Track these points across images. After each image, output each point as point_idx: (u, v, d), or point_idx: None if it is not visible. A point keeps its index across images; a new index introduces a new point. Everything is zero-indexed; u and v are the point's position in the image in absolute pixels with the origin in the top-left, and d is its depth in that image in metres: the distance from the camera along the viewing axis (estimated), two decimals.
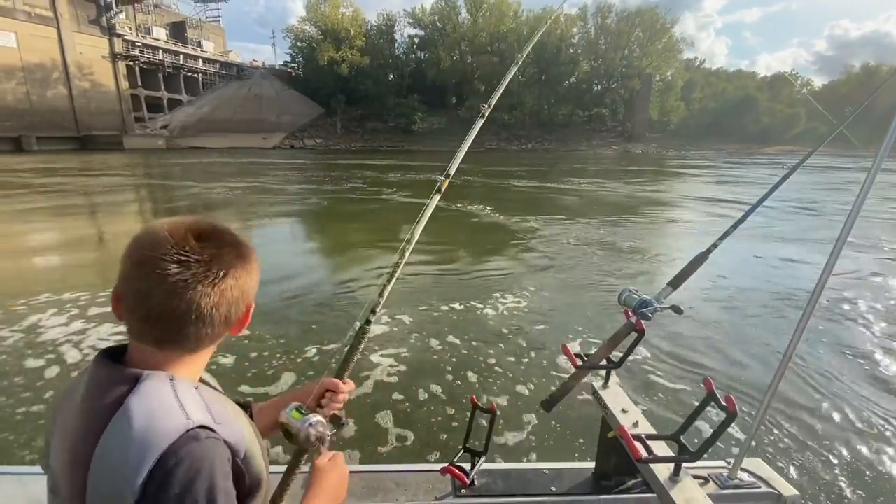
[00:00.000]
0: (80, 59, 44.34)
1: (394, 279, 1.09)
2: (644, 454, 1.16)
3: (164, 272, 0.59)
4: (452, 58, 62.72)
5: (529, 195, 17.86)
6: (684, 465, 1.19)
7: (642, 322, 1.37)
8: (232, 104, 55.26)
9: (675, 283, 1.50)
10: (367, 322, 1.05)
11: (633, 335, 1.39)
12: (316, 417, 0.87)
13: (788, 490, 1.36)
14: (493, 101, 1.30)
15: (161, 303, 0.60)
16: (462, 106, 63.68)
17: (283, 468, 1.02)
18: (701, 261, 1.51)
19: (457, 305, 5.68)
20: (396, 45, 67.25)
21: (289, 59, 66.71)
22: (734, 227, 1.52)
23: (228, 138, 49.32)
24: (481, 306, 5.65)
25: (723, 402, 1.08)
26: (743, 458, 1.38)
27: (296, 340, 4.65)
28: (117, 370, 0.64)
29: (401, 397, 3.56)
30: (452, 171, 1.20)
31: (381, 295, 1.07)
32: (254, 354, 4.31)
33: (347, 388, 0.99)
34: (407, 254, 1.11)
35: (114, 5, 46.18)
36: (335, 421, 0.94)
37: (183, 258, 0.60)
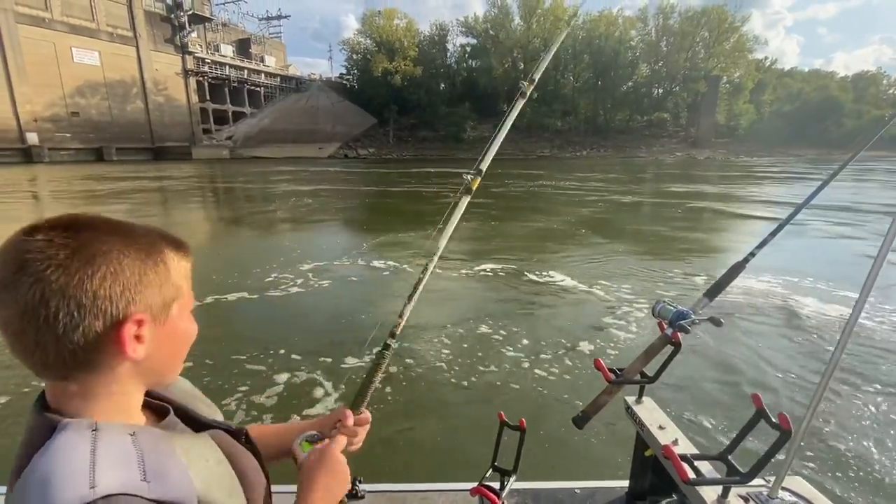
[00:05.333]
0: (155, 76, 47.56)
1: (416, 296, 0.98)
2: (692, 475, 1.12)
3: None
4: (504, 65, 61.88)
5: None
6: (733, 487, 1.14)
7: (679, 335, 1.32)
8: (290, 116, 57.28)
9: (712, 293, 1.42)
10: (386, 346, 0.96)
11: (669, 348, 1.34)
12: None
13: None
14: (536, 77, 1.12)
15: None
16: None
17: None
18: (738, 270, 1.44)
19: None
20: (448, 54, 67.53)
21: (344, 71, 68.63)
22: (772, 234, 1.43)
23: (286, 148, 50.98)
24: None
25: (775, 420, 1.02)
26: (784, 477, 1.30)
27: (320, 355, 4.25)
28: (40, 418, 0.54)
29: (422, 409, 3.33)
30: (485, 168, 1.05)
31: (401, 315, 0.97)
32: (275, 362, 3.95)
33: (362, 419, 0.87)
34: (431, 266, 0.99)
35: (187, 25, 49.26)
36: None
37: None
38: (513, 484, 1.30)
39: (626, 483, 1.55)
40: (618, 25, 60.96)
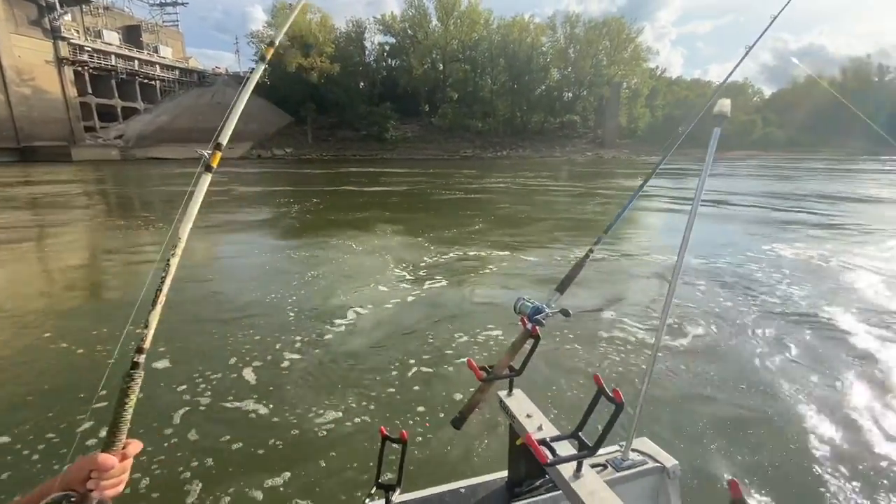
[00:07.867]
0: (18, 64, 40.54)
1: (161, 300, 0.77)
2: (549, 457, 1.21)
3: None
4: (424, 65, 61.79)
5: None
6: (585, 459, 1.26)
7: (537, 328, 1.42)
8: (193, 112, 52.09)
9: (562, 287, 1.55)
10: (135, 366, 0.74)
11: (531, 341, 1.45)
12: None
13: (670, 461, 1.49)
14: (277, 41, 1.16)
15: None
16: (435, 114, 62.68)
17: None
18: (581, 265, 1.61)
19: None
20: (367, 52, 65.86)
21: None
22: (605, 232, 1.66)
23: (189, 148, 46.11)
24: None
25: (611, 395, 1.15)
26: (632, 440, 1.49)
27: None
28: None
29: (293, 434, 3.04)
30: (225, 141, 0.95)
31: (146, 325, 0.75)
32: None
33: (128, 453, 0.73)
34: (176, 260, 0.79)
35: (58, 6, 42.63)
36: None
37: None
38: (397, 498, 1.29)
39: (505, 473, 1.62)
40: (529, 31, 63.71)
